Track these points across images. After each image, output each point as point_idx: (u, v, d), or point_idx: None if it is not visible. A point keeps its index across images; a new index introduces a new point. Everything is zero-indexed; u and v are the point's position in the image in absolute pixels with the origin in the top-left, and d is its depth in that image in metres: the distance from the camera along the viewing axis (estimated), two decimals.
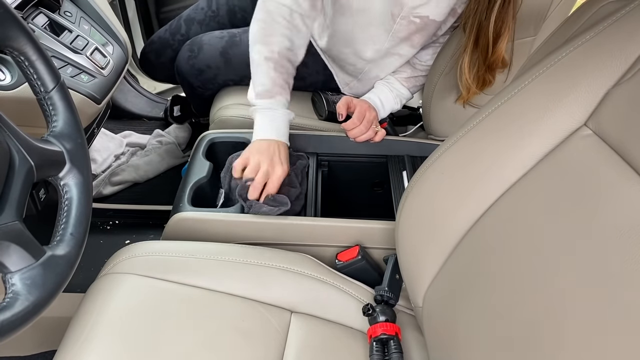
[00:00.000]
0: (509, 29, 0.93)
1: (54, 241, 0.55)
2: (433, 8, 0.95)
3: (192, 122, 1.64)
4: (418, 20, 0.98)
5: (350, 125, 1.02)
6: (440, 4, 0.95)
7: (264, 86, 0.93)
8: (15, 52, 0.57)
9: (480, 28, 0.93)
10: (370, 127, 1.03)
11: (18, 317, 0.47)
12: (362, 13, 1.00)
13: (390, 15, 0.98)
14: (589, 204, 0.48)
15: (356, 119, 1.01)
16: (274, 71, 0.93)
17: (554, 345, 0.46)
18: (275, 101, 0.93)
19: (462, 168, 0.63)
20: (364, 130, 1.02)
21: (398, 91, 1.12)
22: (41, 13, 0.91)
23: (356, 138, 1.03)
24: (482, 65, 0.97)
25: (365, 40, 1.05)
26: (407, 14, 0.97)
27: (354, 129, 1.02)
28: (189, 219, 0.87)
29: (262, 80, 0.93)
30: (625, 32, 0.53)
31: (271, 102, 0.93)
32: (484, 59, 0.96)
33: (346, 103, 1.04)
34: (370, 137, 1.04)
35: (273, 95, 0.93)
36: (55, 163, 0.58)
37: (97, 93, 0.90)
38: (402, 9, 0.96)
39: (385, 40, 1.03)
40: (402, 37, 1.02)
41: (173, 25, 1.39)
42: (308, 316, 0.76)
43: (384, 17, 0.99)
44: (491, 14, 0.91)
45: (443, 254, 0.64)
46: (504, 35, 0.93)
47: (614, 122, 0.51)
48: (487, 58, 0.95)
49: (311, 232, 0.88)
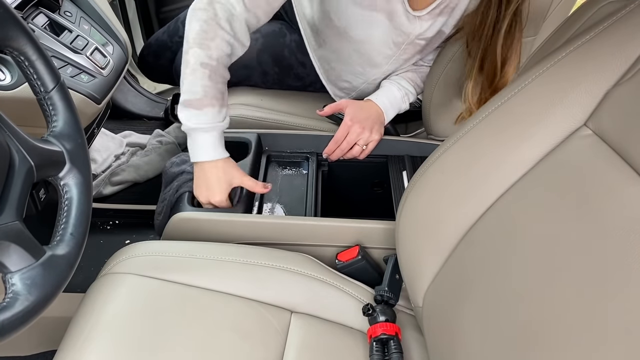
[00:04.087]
0: (515, 53, 0.90)
1: (54, 241, 0.55)
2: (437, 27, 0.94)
3: None
4: (423, 42, 0.97)
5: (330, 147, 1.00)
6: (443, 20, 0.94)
7: (195, 95, 0.84)
8: (15, 52, 0.57)
9: (486, 54, 0.91)
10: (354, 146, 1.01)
11: (18, 317, 0.47)
12: (361, 43, 0.99)
13: (392, 44, 0.97)
14: (588, 203, 0.48)
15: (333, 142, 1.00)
16: (208, 80, 0.84)
17: (554, 345, 0.46)
18: (203, 113, 0.85)
19: (462, 168, 0.63)
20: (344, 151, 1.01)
21: (406, 89, 1.07)
22: (41, 13, 0.91)
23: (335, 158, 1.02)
24: (486, 89, 0.94)
25: (364, 65, 1.04)
26: (412, 40, 0.96)
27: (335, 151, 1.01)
28: (189, 219, 0.87)
29: (194, 88, 0.84)
30: (625, 32, 0.53)
31: (198, 114, 0.85)
32: (489, 83, 0.93)
33: (337, 107, 1.03)
34: (354, 155, 1.02)
35: (201, 107, 0.85)
36: (55, 163, 0.58)
37: (97, 93, 0.90)
38: (408, 37, 0.95)
39: (385, 64, 1.02)
40: (406, 58, 1.01)
41: (171, 27, 1.39)
42: (308, 316, 0.76)
43: (387, 47, 0.98)
44: (497, 40, 0.88)
45: (443, 254, 0.64)
46: (512, 60, 0.90)
47: (614, 122, 0.51)
48: (494, 82, 0.92)
49: (311, 232, 0.88)
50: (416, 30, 0.93)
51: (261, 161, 1.05)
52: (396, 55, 0.99)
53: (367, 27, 0.95)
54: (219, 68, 0.85)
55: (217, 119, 0.86)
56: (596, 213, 0.47)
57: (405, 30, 0.93)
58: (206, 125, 0.86)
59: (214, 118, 0.86)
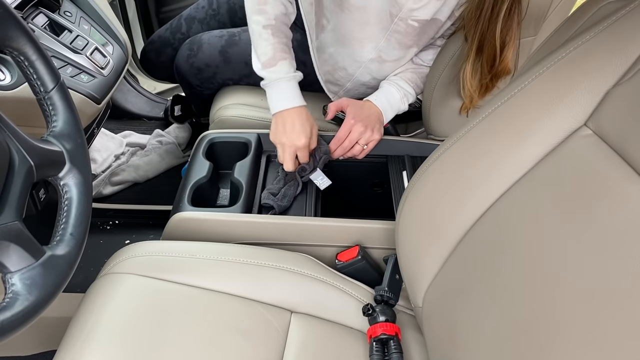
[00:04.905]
0: (514, 37, 0.92)
1: (54, 241, 0.55)
2: (431, 10, 0.95)
3: (192, 122, 1.64)
4: (416, 24, 0.97)
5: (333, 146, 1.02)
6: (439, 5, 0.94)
7: (266, 55, 0.96)
8: (15, 52, 0.57)
9: (484, 37, 0.92)
10: (355, 145, 1.02)
11: (18, 317, 0.47)
12: (360, 10, 1.00)
13: (388, 15, 0.98)
14: (589, 203, 0.48)
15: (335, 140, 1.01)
16: (272, 37, 0.95)
17: (554, 345, 0.46)
18: (278, 68, 0.96)
19: (462, 168, 0.63)
20: (346, 150, 1.02)
21: (405, 90, 1.08)
22: (41, 13, 0.91)
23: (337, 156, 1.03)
24: (486, 74, 0.96)
25: (362, 41, 1.05)
26: (406, 16, 0.96)
27: (337, 150, 1.02)
28: (189, 219, 0.87)
29: (264, 50, 0.96)
30: (625, 32, 0.53)
31: (275, 69, 0.96)
32: (489, 67, 0.95)
33: (339, 105, 1.03)
34: (355, 154, 1.03)
35: (276, 62, 0.96)
36: (55, 163, 0.58)
37: (97, 93, 0.90)
38: (401, 9, 0.95)
39: (381, 39, 1.02)
40: (399, 39, 1.01)
41: (174, 24, 1.39)
42: (308, 316, 0.76)
43: (382, 16, 0.98)
44: (496, 24, 0.90)
45: (443, 254, 0.64)
46: (510, 44, 0.92)
47: (614, 122, 0.51)
48: (494, 67, 0.94)
49: (311, 232, 0.88)
50: (409, 4, 0.94)
51: (261, 161, 1.05)
52: (390, 29, 0.99)
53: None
54: (279, 26, 0.97)
55: (291, 70, 0.97)
56: (596, 213, 0.47)
57: (399, 1, 0.94)
58: (285, 75, 0.96)
59: (289, 69, 0.97)
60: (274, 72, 0.96)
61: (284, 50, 0.97)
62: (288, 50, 0.98)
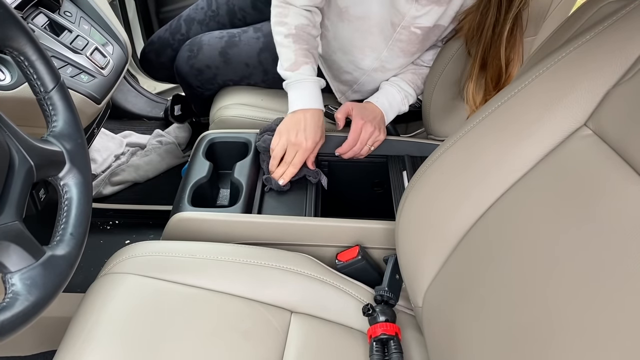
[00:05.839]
0: (519, 54, 0.93)
1: (54, 241, 0.55)
2: (434, 17, 0.95)
3: (192, 121, 1.64)
4: (419, 32, 0.97)
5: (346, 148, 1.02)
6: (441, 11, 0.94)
7: (289, 61, 0.98)
8: (15, 52, 0.57)
9: (487, 55, 0.93)
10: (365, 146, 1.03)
11: (18, 317, 0.47)
12: (360, 20, 1.00)
13: (390, 24, 0.98)
14: (589, 204, 0.48)
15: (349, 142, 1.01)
16: (294, 44, 0.97)
17: (554, 345, 0.46)
18: (300, 72, 0.97)
19: (462, 168, 0.63)
20: (357, 151, 1.03)
21: (406, 92, 1.09)
22: (41, 13, 0.91)
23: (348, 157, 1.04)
24: (491, 90, 0.96)
25: (364, 48, 1.04)
26: (408, 24, 0.96)
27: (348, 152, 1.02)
28: (189, 219, 0.87)
29: (287, 56, 0.98)
30: (625, 32, 0.53)
31: (297, 73, 0.97)
32: (494, 84, 0.95)
33: (345, 111, 1.03)
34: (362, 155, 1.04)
35: (299, 67, 0.97)
36: (55, 163, 0.58)
37: (97, 93, 0.90)
38: (403, 18, 0.95)
39: (384, 49, 1.02)
40: (402, 47, 1.01)
41: (173, 25, 1.39)
42: (308, 316, 0.76)
43: (384, 25, 0.98)
44: (499, 43, 0.91)
45: (443, 254, 0.64)
46: (515, 60, 0.93)
47: (614, 122, 0.51)
48: (499, 84, 0.95)
49: (311, 232, 0.88)
50: (412, 12, 0.93)
51: None
52: (393, 38, 0.99)
53: (365, 3, 0.98)
54: (301, 34, 0.98)
55: (314, 74, 0.99)
56: (596, 213, 0.47)
57: (401, 10, 0.94)
58: (309, 77, 0.98)
59: (312, 73, 0.98)
60: (297, 75, 0.98)
61: (306, 56, 0.98)
62: (311, 56, 0.99)
